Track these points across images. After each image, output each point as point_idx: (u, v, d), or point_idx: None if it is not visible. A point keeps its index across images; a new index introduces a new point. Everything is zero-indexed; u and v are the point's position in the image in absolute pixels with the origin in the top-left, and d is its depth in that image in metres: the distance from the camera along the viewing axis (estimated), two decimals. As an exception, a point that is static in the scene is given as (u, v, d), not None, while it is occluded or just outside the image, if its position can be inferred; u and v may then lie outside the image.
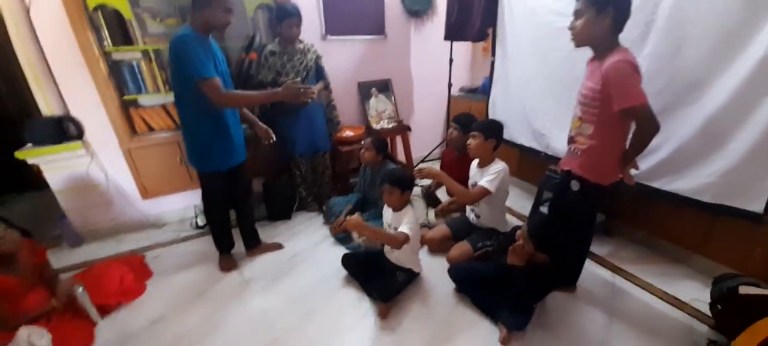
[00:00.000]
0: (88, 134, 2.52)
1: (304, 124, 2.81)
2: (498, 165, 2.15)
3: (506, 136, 3.04)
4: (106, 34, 2.38)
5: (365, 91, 3.57)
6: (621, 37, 1.56)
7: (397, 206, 2.01)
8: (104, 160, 2.61)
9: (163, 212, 2.96)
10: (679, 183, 2.05)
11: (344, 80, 3.42)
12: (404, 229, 1.89)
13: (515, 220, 2.89)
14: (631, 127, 1.60)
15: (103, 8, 2.33)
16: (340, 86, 3.33)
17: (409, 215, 1.97)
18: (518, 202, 3.12)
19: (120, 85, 2.54)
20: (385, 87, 3.68)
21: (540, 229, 1.73)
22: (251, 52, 2.58)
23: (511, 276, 1.78)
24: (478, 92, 3.90)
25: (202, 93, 1.81)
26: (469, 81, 4.27)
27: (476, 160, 2.30)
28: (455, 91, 3.96)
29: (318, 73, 2.86)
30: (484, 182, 2.12)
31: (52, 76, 2.35)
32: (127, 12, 2.37)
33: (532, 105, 2.85)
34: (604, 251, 2.45)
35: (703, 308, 1.90)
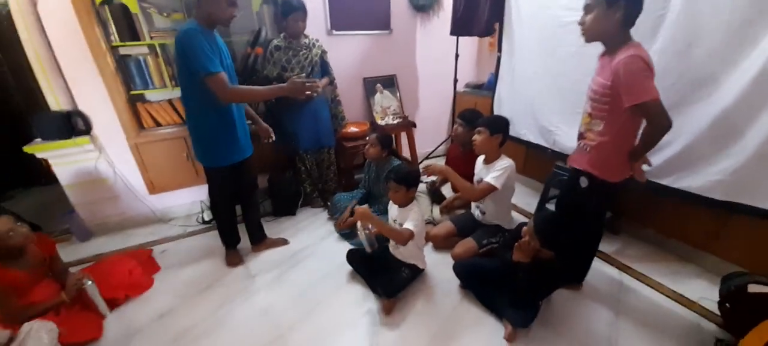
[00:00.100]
0: (96, 129, 2.55)
1: (310, 120, 2.81)
2: (504, 162, 2.14)
3: (512, 133, 3.02)
4: (113, 29, 2.39)
5: (370, 86, 3.57)
6: (631, 32, 1.53)
7: (403, 203, 2.01)
8: (112, 155, 2.64)
9: (170, 207, 2.99)
10: (689, 180, 2.03)
11: (349, 76, 3.42)
12: (409, 225, 1.89)
13: (521, 217, 2.87)
14: (643, 123, 1.57)
15: (110, 3, 2.34)
16: (345, 82, 3.33)
17: (414, 211, 1.97)
18: (524, 199, 3.11)
19: (127, 80, 2.56)
20: (391, 83, 3.67)
21: (546, 225, 1.72)
22: (257, 47, 2.58)
23: (516, 273, 1.77)
24: (483, 88, 3.86)
25: (208, 88, 1.81)
26: (475, 77, 4.24)
27: (482, 157, 2.29)
28: (461, 87, 3.93)
29: (323, 68, 2.85)
30: (489, 178, 2.11)
31: (59, 71, 2.37)
32: (134, 6, 2.38)
33: (538, 101, 2.82)
34: (611, 248, 2.43)
35: (711, 306, 1.89)
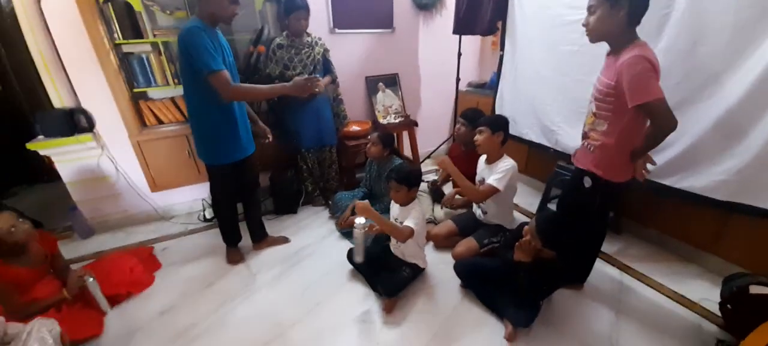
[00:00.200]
0: (99, 126, 2.55)
1: (312, 118, 2.81)
2: (506, 162, 2.14)
3: (514, 132, 3.03)
4: (117, 27, 2.39)
5: (372, 85, 3.56)
6: (637, 30, 1.51)
7: (404, 202, 2.01)
8: (114, 152, 2.64)
9: (172, 204, 2.99)
10: (692, 180, 2.02)
11: (351, 74, 3.41)
12: (410, 223, 1.89)
13: (522, 217, 2.87)
14: (647, 123, 1.55)
15: (113, 1, 2.34)
16: (348, 80, 3.33)
17: (415, 209, 1.97)
18: (526, 199, 3.10)
19: (130, 77, 2.56)
20: (393, 81, 3.67)
21: (548, 225, 1.71)
22: (259, 45, 2.58)
23: (517, 272, 1.77)
24: (486, 87, 3.85)
25: (211, 86, 1.81)
26: (477, 76, 4.23)
27: (484, 157, 2.29)
28: (463, 86, 3.92)
29: (325, 66, 2.85)
30: (492, 180, 2.11)
31: (63, 69, 2.38)
32: (137, 4, 2.38)
33: (541, 100, 2.81)
34: (612, 248, 2.42)
35: (712, 307, 1.88)
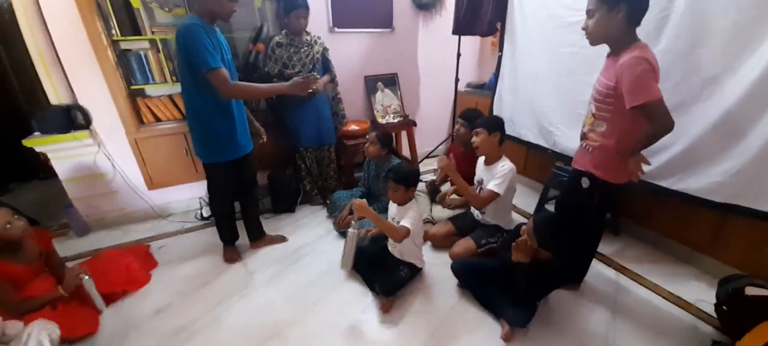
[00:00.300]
0: (96, 123, 2.54)
1: (311, 117, 2.81)
2: (505, 165, 2.14)
3: (513, 133, 3.04)
4: (115, 23, 2.38)
5: (371, 85, 3.56)
6: (637, 31, 1.52)
7: (402, 202, 2.00)
8: (111, 149, 2.63)
9: (169, 202, 2.98)
10: (689, 182, 2.02)
11: (350, 74, 3.41)
12: (406, 222, 1.89)
13: (520, 217, 2.87)
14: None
15: (111, -3, 2.33)
16: (347, 80, 3.32)
17: (412, 209, 1.97)
18: (524, 199, 3.10)
19: (127, 74, 2.55)
20: (392, 81, 3.67)
21: (545, 226, 1.72)
22: (258, 44, 2.58)
23: (514, 272, 1.77)
24: (485, 88, 3.86)
25: (209, 84, 1.80)
26: (476, 76, 4.24)
27: (482, 157, 2.29)
28: (462, 86, 3.92)
29: (324, 65, 2.85)
30: (492, 185, 2.11)
31: (60, 65, 2.36)
32: (135, 1, 2.37)
33: (539, 101, 2.81)
34: (609, 249, 2.43)
35: (708, 308, 1.88)
